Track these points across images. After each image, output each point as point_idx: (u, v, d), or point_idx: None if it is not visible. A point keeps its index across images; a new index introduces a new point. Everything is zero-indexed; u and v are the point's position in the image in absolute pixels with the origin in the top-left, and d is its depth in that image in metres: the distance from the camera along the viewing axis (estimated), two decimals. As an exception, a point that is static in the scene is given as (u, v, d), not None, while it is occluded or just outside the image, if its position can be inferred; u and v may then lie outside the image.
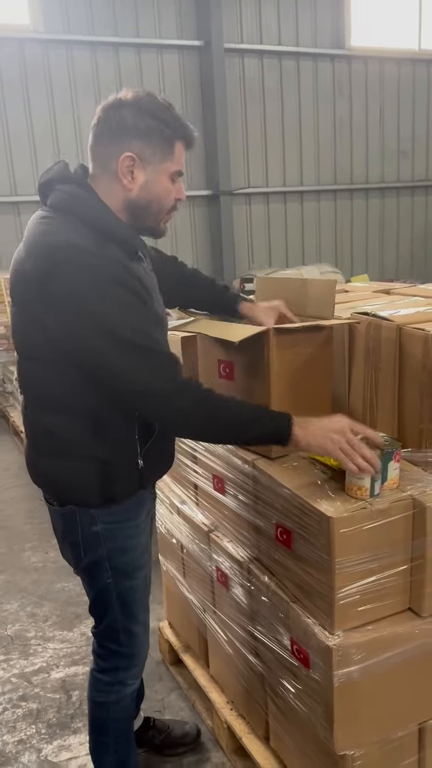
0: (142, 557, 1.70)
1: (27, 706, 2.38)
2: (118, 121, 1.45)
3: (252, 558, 1.84)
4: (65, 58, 7.30)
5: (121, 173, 1.47)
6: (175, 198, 1.55)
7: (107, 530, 1.61)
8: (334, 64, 8.85)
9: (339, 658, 1.48)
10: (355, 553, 1.46)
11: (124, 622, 1.70)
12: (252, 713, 1.99)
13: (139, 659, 1.77)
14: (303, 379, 1.76)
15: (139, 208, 1.51)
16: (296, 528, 1.57)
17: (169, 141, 1.48)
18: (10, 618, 2.92)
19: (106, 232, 1.45)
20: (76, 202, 1.46)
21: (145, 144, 1.46)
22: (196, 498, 2.18)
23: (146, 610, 1.76)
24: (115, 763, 1.82)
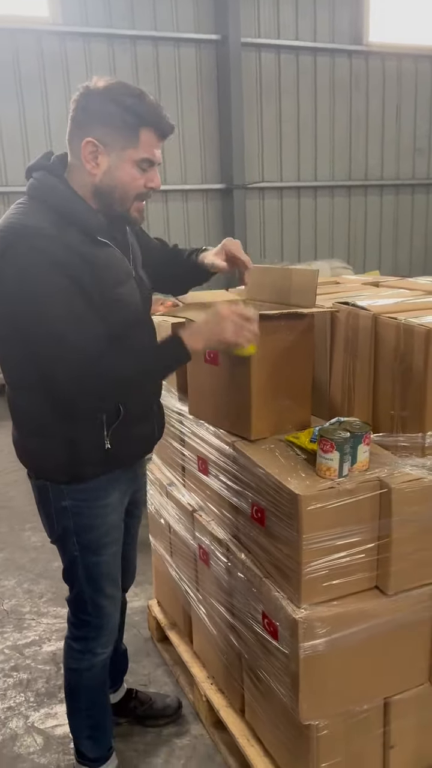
0: (108, 535, 1.74)
1: (18, 675, 2.47)
2: (83, 107, 1.51)
3: (231, 536, 1.91)
4: (82, 51, 7.36)
5: (84, 158, 1.51)
6: (147, 186, 1.57)
7: (75, 506, 1.68)
8: (351, 60, 8.81)
9: (304, 630, 1.54)
10: (322, 530, 1.53)
11: (91, 594, 1.77)
12: (230, 687, 2.06)
13: (106, 630, 1.83)
14: (284, 366, 1.82)
15: (104, 194, 1.55)
16: (269, 506, 1.64)
17: (133, 128, 1.50)
18: (7, 594, 3.02)
19: (66, 215, 1.49)
20: (43, 187, 1.53)
21: (107, 130, 1.49)
22: (183, 480, 2.26)
23: (115, 584, 1.81)
24: (89, 728, 1.89)
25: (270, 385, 1.80)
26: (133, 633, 2.64)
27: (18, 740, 2.17)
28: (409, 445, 1.66)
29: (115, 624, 1.87)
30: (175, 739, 2.15)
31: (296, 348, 1.83)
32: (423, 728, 1.80)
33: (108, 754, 1.93)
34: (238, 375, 1.83)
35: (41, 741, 2.16)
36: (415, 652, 1.72)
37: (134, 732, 2.18)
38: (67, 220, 1.50)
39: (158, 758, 2.07)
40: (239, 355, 1.67)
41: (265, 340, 1.76)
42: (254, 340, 1.60)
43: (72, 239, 1.48)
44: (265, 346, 1.76)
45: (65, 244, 1.47)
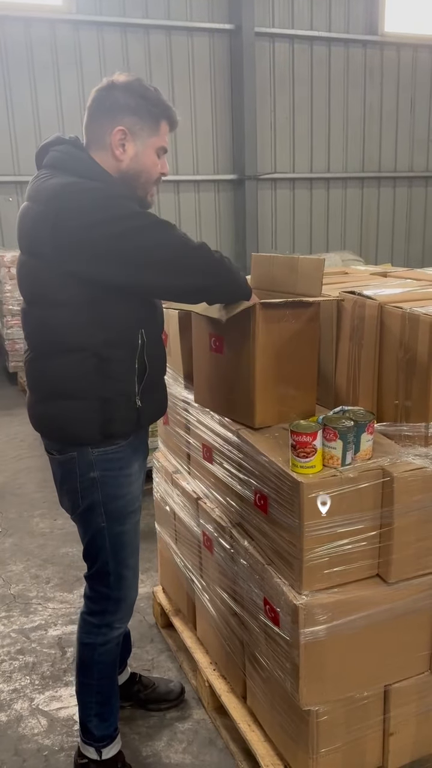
0: (133, 504, 1.81)
1: (24, 659, 2.50)
2: (111, 100, 1.64)
3: (234, 523, 1.92)
4: (96, 40, 7.36)
5: (113, 145, 1.64)
6: (160, 172, 1.72)
7: (103, 476, 1.73)
8: (366, 51, 8.76)
9: (305, 616, 1.55)
10: (324, 518, 1.53)
11: (114, 566, 1.81)
12: (232, 673, 2.08)
13: (127, 603, 1.87)
14: (289, 354, 1.82)
15: (130, 178, 1.68)
16: (272, 494, 1.65)
17: (156, 119, 1.67)
18: (14, 578, 3.05)
19: (103, 182, 1.61)
20: (72, 159, 1.63)
21: (135, 119, 1.64)
22: (188, 467, 2.27)
23: (136, 555, 1.87)
24: (97, 704, 1.91)
25: (274, 374, 1.81)
26: (138, 619, 2.66)
27: (23, 722, 2.20)
28: (413, 435, 1.66)
29: (134, 597, 1.90)
30: (177, 723, 2.17)
31: (301, 336, 1.83)
32: (423, 716, 1.81)
33: (114, 734, 1.95)
34: (242, 364, 1.83)
35: (45, 723, 2.19)
36: (416, 641, 1.73)
37: (137, 716, 2.20)
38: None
39: (160, 742, 2.09)
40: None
41: (270, 328, 1.77)
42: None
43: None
44: (269, 335, 1.77)
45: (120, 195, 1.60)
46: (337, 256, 7.52)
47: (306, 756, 1.70)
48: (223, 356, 1.92)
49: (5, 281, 6.13)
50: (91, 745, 1.92)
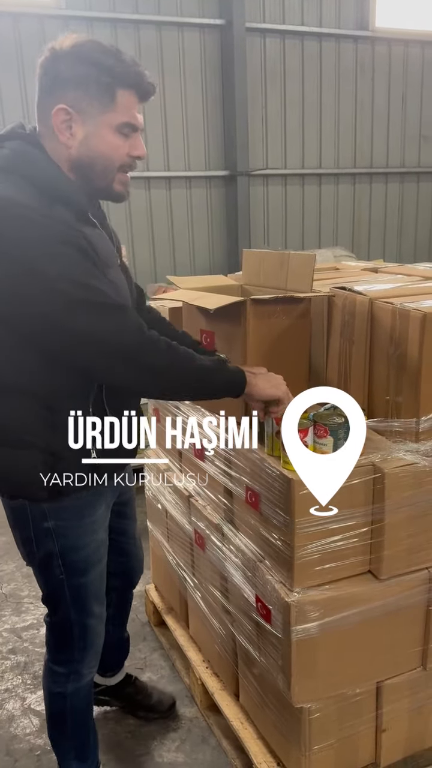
0: (96, 553, 1.60)
1: (15, 658, 2.49)
2: (51, 72, 1.34)
3: (226, 521, 1.91)
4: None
5: (56, 129, 1.36)
6: (130, 154, 1.42)
7: (59, 527, 1.52)
8: (357, 46, 8.72)
9: (297, 613, 1.55)
10: (315, 515, 1.53)
11: (77, 617, 1.62)
12: (225, 671, 2.07)
13: (92, 651, 1.68)
14: (280, 351, 1.81)
15: (83, 167, 1.39)
16: (263, 490, 1.64)
17: (110, 89, 1.34)
18: (5, 578, 3.03)
19: (51, 191, 1.33)
20: (20, 160, 1.35)
21: (81, 94, 1.33)
22: (180, 465, 2.26)
23: (101, 601, 1.67)
24: (75, 750, 1.74)
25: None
26: (130, 617, 2.63)
27: (15, 721, 2.18)
28: (404, 431, 1.65)
29: (101, 642, 1.71)
30: (169, 721, 2.16)
31: (292, 332, 1.82)
32: (415, 712, 1.81)
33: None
34: (233, 359, 1.82)
35: (37, 722, 2.17)
36: (408, 637, 1.73)
37: (127, 715, 2.19)
38: (50, 196, 1.33)
39: (153, 741, 2.08)
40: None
41: (261, 324, 1.76)
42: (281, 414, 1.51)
43: (64, 217, 1.33)
44: (260, 331, 1.76)
45: (61, 220, 1.32)
46: (329, 252, 7.51)
47: (299, 753, 1.69)
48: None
49: None
50: None
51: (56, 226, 1.30)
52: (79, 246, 1.33)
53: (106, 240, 1.50)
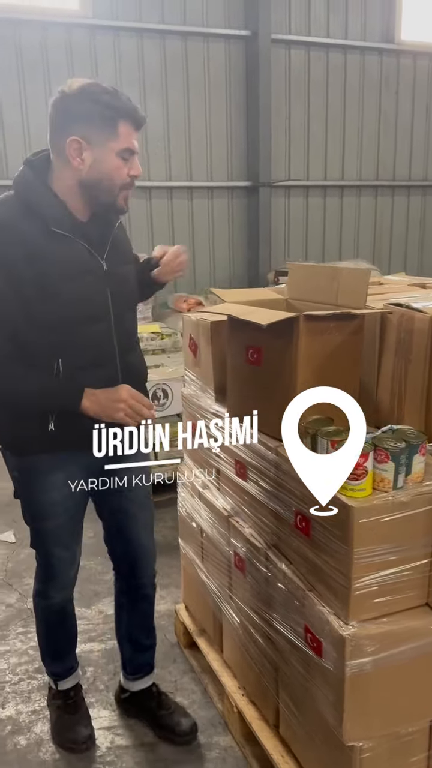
0: (49, 509, 1.87)
1: (42, 678, 2.41)
2: (63, 110, 1.63)
3: (270, 544, 1.84)
4: (112, 45, 7.30)
5: (70, 156, 1.63)
6: (130, 174, 1.68)
7: (20, 476, 1.86)
8: (382, 59, 8.69)
9: (352, 648, 1.47)
10: (374, 544, 1.45)
11: (41, 552, 1.98)
12: (263, 700, 1.99)
13: (55, 582, 2.02)
14: (331, 367, 1.74)
15: (91, 186, 1.67)
16: (316, 516, 1.56)
17: (111, 121, 1.62)
18: (30, 592, 2.93)
19: (30, 206, 1.63)
20: (19, 180, 1.68)
21: (88, 126, 1.61)
22: (217, 483, 2.19)
23: (64, 547, 1.95)
24: (47, 647, 2.17)
25: (314, 387, 1.73)
26: (159, 638, 2.55)
27: (43, 746, 2.11)
28: (466, 456, 1.57)
29: (66, 578, 2.03)
30: (203, 750, 2.08)
31: (344, 350, 1.76)
32: (469, 752, 1.71)
33: (66, 673, 2.17)
34: (282, 376, 1.76)
35: (66, 747, 2.10)
36: (465, 673, 1.64)
37: (161, 742, 2.11)
38: (31, 210, 1.63)
39: (186, 770, 2.01)
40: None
41: (313, 340, 1.69)
42: (148, 416, 1.69)
43: (27, 229, 1.61)
44: (312, 347, 1.70)
45: (19, 233, 1.60)
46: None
47: (347, 793, 1.61)
48: (261, 368, 1.85)
49: None
50: (49, 676, 2.19)
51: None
52: (8, 264, 1.60)
53: (78, 253, 1.69)
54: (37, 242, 1.61)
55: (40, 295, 1.62)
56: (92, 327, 1.72)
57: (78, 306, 1.68)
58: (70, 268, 1.67)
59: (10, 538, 3.46)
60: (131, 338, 1.92)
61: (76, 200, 1.69)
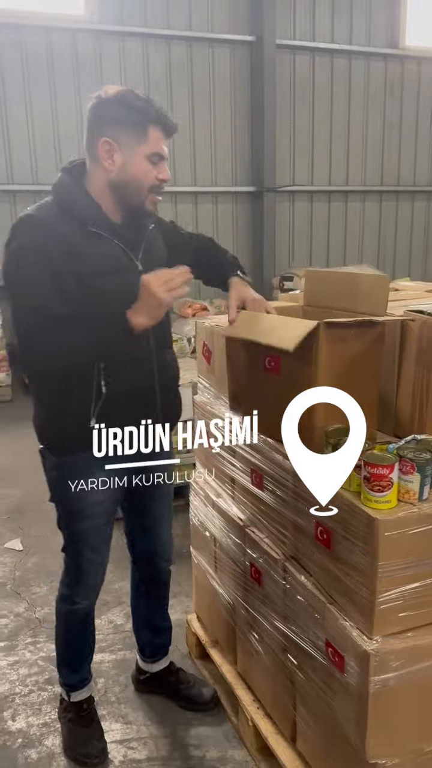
0: (90, 509, 1.88)
1: (53, 689, 2.38)
2: (99, 114, 1.69)
3: (288, 556, 1.81)
4: (117, 50, 7.31)
5: (101, 157, 1.69)
6: (157, 178, 1.72)
7: (59, 477, 1.84)
8: (386, 64, 8.69)
9: (376, 664, 1.44)
10: (400, 558, 1.42)
11: (72, 553, 1.98)
12: (279, 713, 1.96)
13: (84, 587, 2.02)
14: (350, 375, 1.71)
15: (120, 187, 1.71)
16: (338, 528, 1.53)
17: (142, 126, 1.67)
18: (39, 601, 2.93)
19: (67, 207, 1.70)
20: (57, 185, 1.75)
21: (119, 129, 1.67)
22: (232, 492, 2.16)
23: (95, 551, 1.96)
24: (65, 656, 2.16)
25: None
26: (170, 648, 2.54)
27: (55, 760, 2.08)
28: None
29: (93, 583, 2.03)
30: (217, 764, 2.04)
31: (364, 357, 1.73)
32: None
33: (80, 684, 2.15)
34: (300, 385, 1.72)
35: (78, 761, 2.06)
36: None
37: (175, 756, 2.08)
38: (67, 212, 1.69)
39: (202, 785, 1.97)
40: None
41: (333, 348, 1.66)
42: (186, 279, 1.65)
43: (66, 230, 1.66)
44: (332, 354, 1.67)
45: (57, 233, 1.65)
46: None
47: None
48: (279, 377, 1.82)
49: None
50: (63, 687, 2.17)
51: (42, 236, 1.65)
52: (50, 254, 1.64)
53: (114, 251, 1.74)
54: (75, 241, 1.66)
55: (80, 292, 1.67)
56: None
57: (116, 301, 1.67)
58: (108, 266, 1.71)
59: (18, 546, 3.43)
60: (166, 336, 1.96)
61: (108, 202, 1.73)
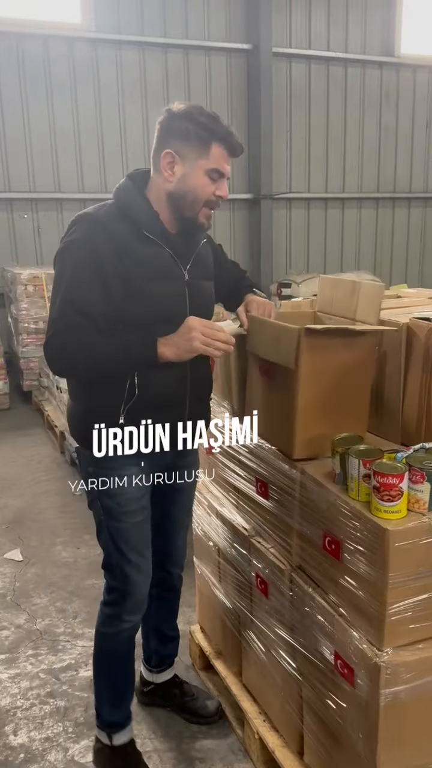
0: (127, 505, 1.83)
1: (55, 703, 2.35)
2: (166, 127, 1.72)
3: (295, 566, 1.78)
4: (114, 58, 7.32)
5: (162, 168, 1.72)
6: (215, 194, 1.74)
7: (96, 473, 1.79)
8: (382, 72, 8.74)
9: (388, 676, 1.42)
10: (410, 568, 1.41)
11: (117, 559, 1.88)
12: (286, 726, 1.93)
13: (133, 599, 1.91)
14: (338, 385, 1.70)
15: (177, 198, 1.73)
16: (346, 538, 1.51)
17: (205, 141, 1.69)
18: (39, 612, 2.90)
19: (124, 210, 1.72)
20: (118, 189, 1.79)
21: (183, 143, 1.69)
22: (236, 501, 2.13)
23: (139, 554, 1.89)
24: (109, 692, 2.00)
25: (320, 404, 1.70)
26: (173, 659, 2.51)
27: (58, 775, 2.05)
28: None
29: (142, 594, 1.93)
30: (223, 778, 2.02)
31: (352, 367, 1.71)
32: None
33: (125, 722, 2.02)
34: (287, 391, 1.72)
35: (82, 776, 2.03)
36: None
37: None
38: (124, 214, 1.72)
39: (207, 800, 1.94)
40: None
41: (315, 356, 1.65)
42: (225, 350, 1.68)
43: (121, 230, 1.69)
44: (314, 364, 1.66)
45: (112, 232, 1.67)
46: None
47: None
48: (272, 381, 1.81)
49: (21, 299, 6.03)
50: (103, 729, 2.02)
51: (97, 234, 1.68)
52: (99, 253, 1.66)
53: (165, 258, 1.76)
54: (128, 242, 1.68)
55: (126, 293, 1.68)
56: (169, 328, 1.71)
57: (160, 305, 1.73)
58: (155, 270, 1.73)
59: (17, 557, 3.40)
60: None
61: (166, 212, 1.75)
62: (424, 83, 9.00)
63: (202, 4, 7.61)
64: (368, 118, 8.84)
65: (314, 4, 8.16)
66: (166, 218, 1.76)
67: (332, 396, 1.70)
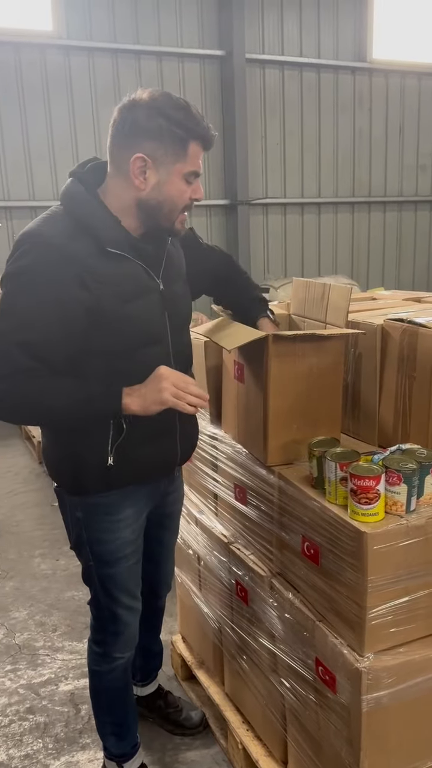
0: (122, 550, 1.72)
1: (34, 719, 2.30)
2: (131, 121, 1.47)
3: (275, 572, 1.76)
4: (87, 65, 7.29)
5: (132, 174, 1.49)
6: (191, 198, 1.56)
7: (86, 518, 1.68)
8: (354, 77, 8.80)
9: (369, 681, 1.40)
10: (389, 571, 1.39)
11: (107, 603, 1.77)
12: (270, 735, 1.91)
13: (122, 637, 1.83)
14: (308, 389, 1.68)
15: (150, 208, 1.54)
16: (325, 543, 1.50)
17: (182, 142, 1.48)
18: (18, 626, 2.85)
19: (82, 223, 1.49)
20: (67, 194, 1.55)
21: (157, 145, 1.47)
22: (215, 508, 2.11)
23: (131, 596, 1.80)
24: (112, 725, 1.93)
25: (291, 410, 1.68)
26: (155, 670, 2.47)
27: (38, 794, 2.00)
28: None
29: (133, 632, 1.86)
30: (208, 790, 1.98)
31: (322, 371, 1.69)
32: None
33: (133, 751, 1.96)
34: (258, 396, 1.71)
35: (62, 794, 1.99)
36: None
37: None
38: (83, 229, 1.48)
39: None
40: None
41: (284, 362, 1.64)
42: (198, 404, 1.54)
43: (79, 250, 1.46)
44: (283, 369, 1.64)
45: (69, 255, 1.45)
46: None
47: None
48: (243, 386, 1.80)
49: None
50: (113, 760, 1.96)
51: (55, 263, 1.45)
52: (62, 290, 1.45)
53: (135, 272, 1.56)
54: (90, 264, 1.46)
55: (96, 322, 1.48)
56: (150, 350, 1.59)
57: (137, 328, 1.55)
58: (128, 290, 1.53)
59: (-5, 570, 3.34)
60: (188, 359, 1.79)
61: (130, 219, 1.55)
62: (397, 88, 9.08)
63: (175, 11, 7.61)
64: (342, 123, 8.88)
65: (286, 11, 8.20)
66: (130, 225, 1.55)
67: (303, 401, 1.68)
